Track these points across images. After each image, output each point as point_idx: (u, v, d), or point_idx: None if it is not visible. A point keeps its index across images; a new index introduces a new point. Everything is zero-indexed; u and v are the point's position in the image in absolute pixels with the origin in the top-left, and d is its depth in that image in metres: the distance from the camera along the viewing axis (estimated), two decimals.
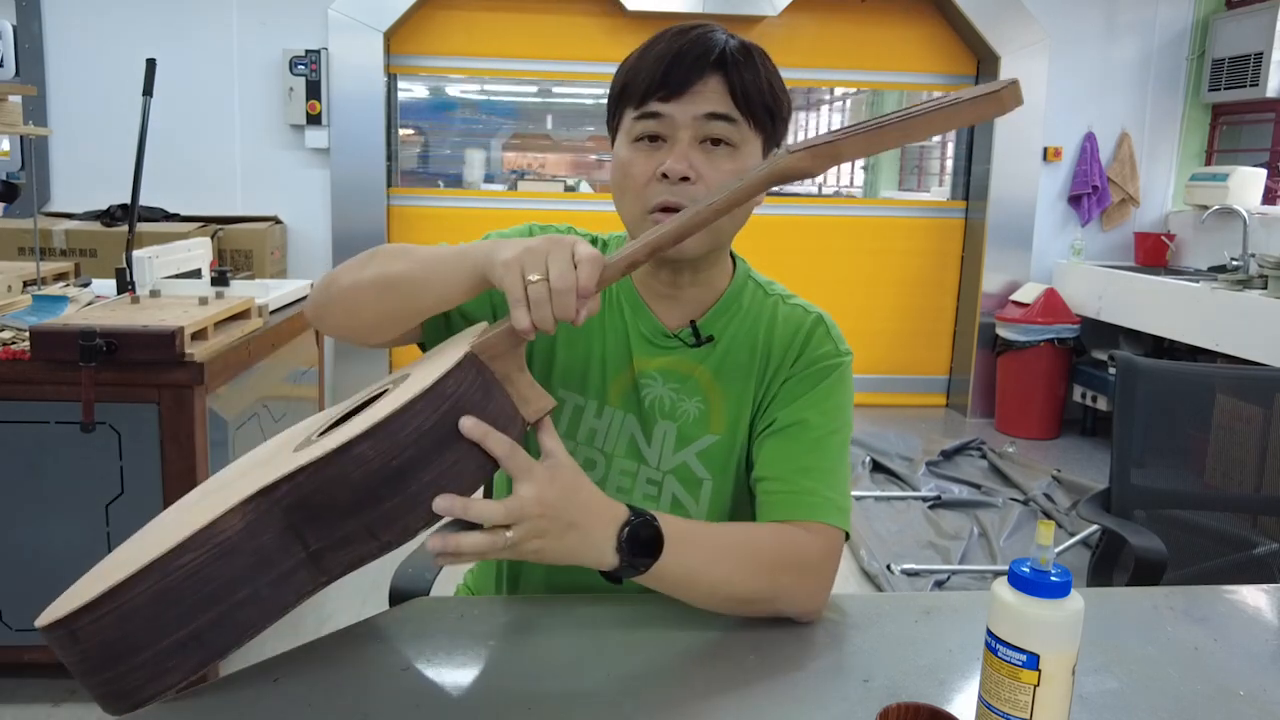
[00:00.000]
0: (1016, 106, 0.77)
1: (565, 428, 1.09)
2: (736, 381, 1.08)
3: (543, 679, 0.86)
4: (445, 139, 5.15)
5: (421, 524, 0.77)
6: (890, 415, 4.94)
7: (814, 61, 4.91)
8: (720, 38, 1.00)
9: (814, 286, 4.91)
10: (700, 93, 0.98)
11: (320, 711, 0.80)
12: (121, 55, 4.29)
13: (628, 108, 1.02)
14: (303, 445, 0.83)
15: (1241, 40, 4.53)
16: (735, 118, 0.99)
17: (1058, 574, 0.72)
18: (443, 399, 0.77)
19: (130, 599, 0.72)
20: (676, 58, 0.98)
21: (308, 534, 0.77)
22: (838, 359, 1.08)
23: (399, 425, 0.75)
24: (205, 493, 0.91)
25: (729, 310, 1.10)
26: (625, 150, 1.02)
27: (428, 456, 0.76)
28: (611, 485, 1.08)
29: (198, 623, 0.74)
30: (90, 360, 1.90)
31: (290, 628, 0.76)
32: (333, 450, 0.74)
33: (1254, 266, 3.97)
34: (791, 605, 0.96)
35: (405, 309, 0.94)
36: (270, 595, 0.76)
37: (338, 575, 0.80)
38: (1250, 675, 0.91)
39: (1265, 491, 1.86)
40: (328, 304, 1.01)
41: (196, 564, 0.73)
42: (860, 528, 3.33)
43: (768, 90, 1.01)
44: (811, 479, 1.01)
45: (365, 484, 0.74)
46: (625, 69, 1.03)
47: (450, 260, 0.89)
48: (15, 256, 3.59)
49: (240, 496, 0.75)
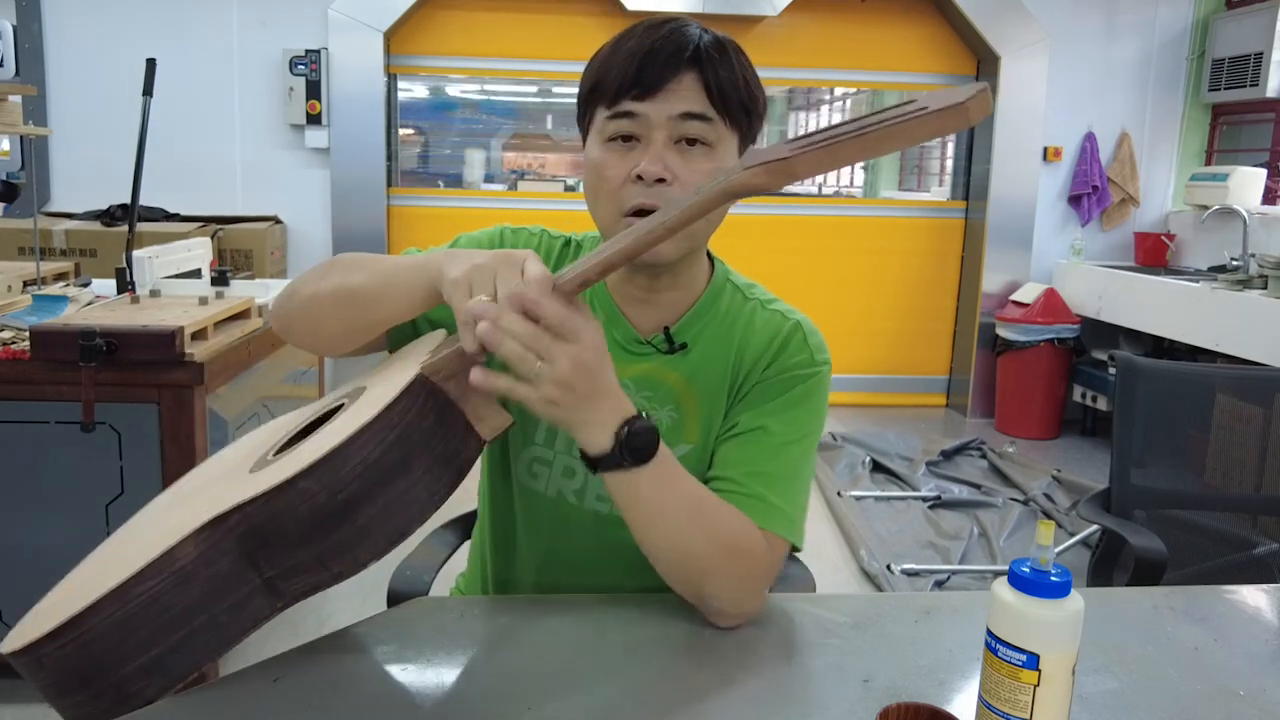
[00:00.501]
0: (983, 116, 0.72)
1: (543, 436, 1.07)
2: (709, 389, 1.05)
3: (543, 679, 0.86)
4: (445, 139, 5.15)
5: (372, 555, 0.76)
6: (890, 415, 4.94)
7: (814, 61, 4.91)
8: (694, 33, 0.97)
9: (814, 286, 4.93)
10: (675, 91, 0.95)
11: (320, 711, 0.80)
12: (121, 55, 4.29)
13: (599, 106, 0.99)
14: (259, 465, 0.82)
15: (1241, 40, 4.53)
16: (711, 116, 0.96)
17: (1058, 574, 0.72)
18: (389, 428, 0.76)
19: (92, 627, 0.73)
20: (650, 54, 0.95)
21: (261, 562, 0.76)
22: (812, 369, 1.05)
23: (342, 459, 0.74)
24: (176, 496, 0.91)
25: (704, 315, 1.07)
26: (598, 151, 0.99)
27: (373, 490, 0.75)
28: (592, 493, 1.07)
29: (159, 648, 0.74)
30: (90, 360, 1.89)
31: (290, 628, 0.76)
32: (279, 484, 0.74)
33: (1254, 266, 3.96)
34: (723, 591, 0.93)
35: (364, 320, 0.92)
36: (228, 621, 0.76)
37: (295, 601, 0.79)
38: (1250, 675, 0.91)
39: (1265, 491, 1.86)
40: (289, 317, 1.00)
41: (154, 591, 0.74)
42: (860, 528, 3.32)
43: (744, 87, 0.99)
44: (762, 484, 0.99)
45: (312, 518, 0.74)
46: (596, 65, 1.00)
47: (407, 272, 0.88)
48: (15, 256, 3.59)
49: (195, 523, 0.75)
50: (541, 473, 1.08)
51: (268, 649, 0.90)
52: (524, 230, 1.13)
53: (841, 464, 4.02)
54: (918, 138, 0.73)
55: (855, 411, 4.93)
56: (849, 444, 4.24)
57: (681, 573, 0.93)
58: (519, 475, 1.10)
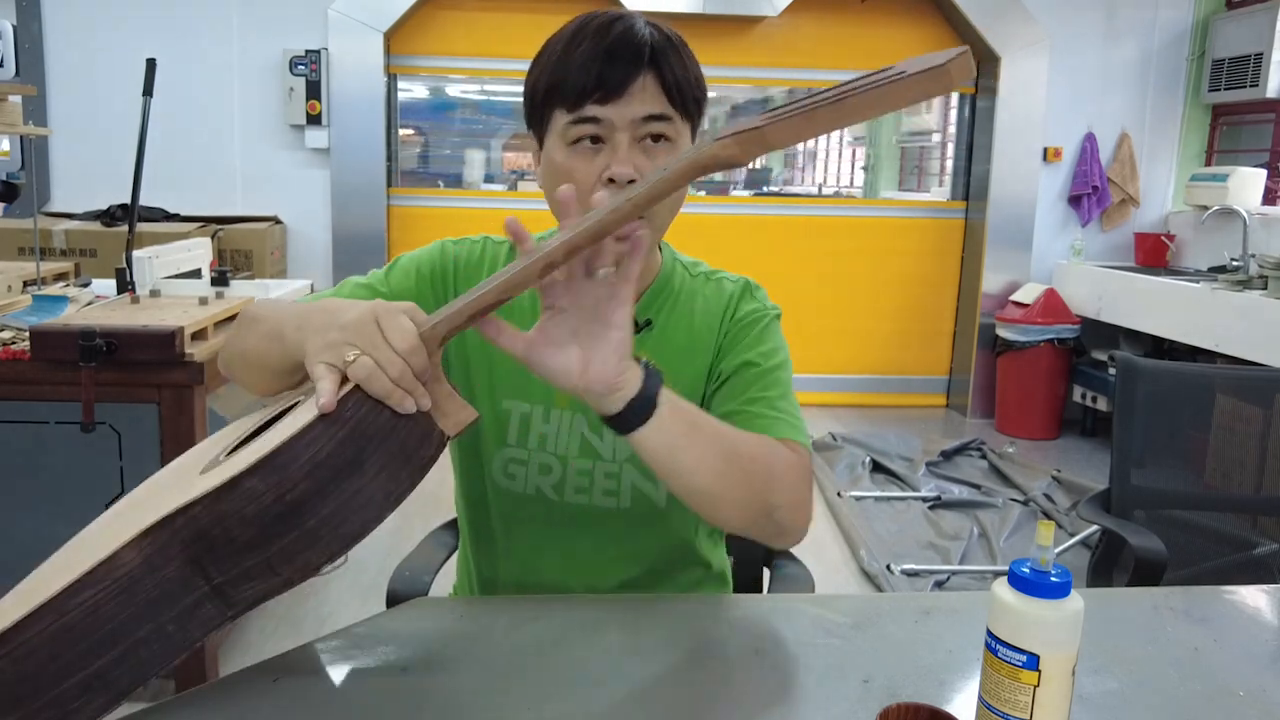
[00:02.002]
0: (966, 80, 0.68)
1: (516, 436, 1.08)
2: (675, 362, 1.08)
3: (543, 679, 0.86)
4: (445, 139, 5.15)
5: (324, 559, 0.72)
6: (890, 415, 4.94)
7: (814, 61, 4.91)
8: (644, 31, 0.98)
9: (814, 287, 4.93)
10: (636, 94, 0.96)
11: (320, 711, 0.80)
12: (121, 55, 4.29)
13: (558, 109, 0.99)
14: (209, 467, 0.78)
15: (1241, 41, 4.53)
16: (671, 115, 0.98)
17: (1058, 574, 0.72)
18: (340, 424, 0.71)
19: (24, 641, 0.68)
20: (609, 57, 0.95)
21: (210, 567, 0.72)
22: (764, 312, 1.11)
23: (290, 456, 0.69)
24: (131, 502, 0.87)
25: (661, 294, 1.11)
26: (562, 154, 0.99)
27: (324, 489, 0.70)
28: (570, 486, 1.08)
29: (101, 662, 0.70)
30: (90, 360, 1.89)
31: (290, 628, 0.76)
32: (223, 484, 0.69)
33: (1254, 267, 3.96)
34: (786, 493, 0.95)
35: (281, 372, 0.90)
36: (175, 631, 0.72)
37: (247, 609, 0.75)
38: (1250, 675, 0.91)
39: (1265, 491, 1.86)
40: (232, 378, 1.02)
41: (95, 601, 0.69)
42: (860, 528, 3.32)
43: (695, 82, 1.01)
44: (762, 406, 1.03)
45: (259, 520, 0.70)
46: (549, 66, 0.99)
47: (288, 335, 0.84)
48: (15, 256, 3.59)
49: (138, 528, 0.71)
50: (518, 473, 1.09)
51: (268, 649, 0.90)
52: (465, 240, 1.14)
53: (841, 464, 4.02)
54: (899, 103, 0.69)
55: (855, 412, 4.93)
56: (849, 444, 4.24)
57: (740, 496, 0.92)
58: (494, 478, 1.10)
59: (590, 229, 0.76)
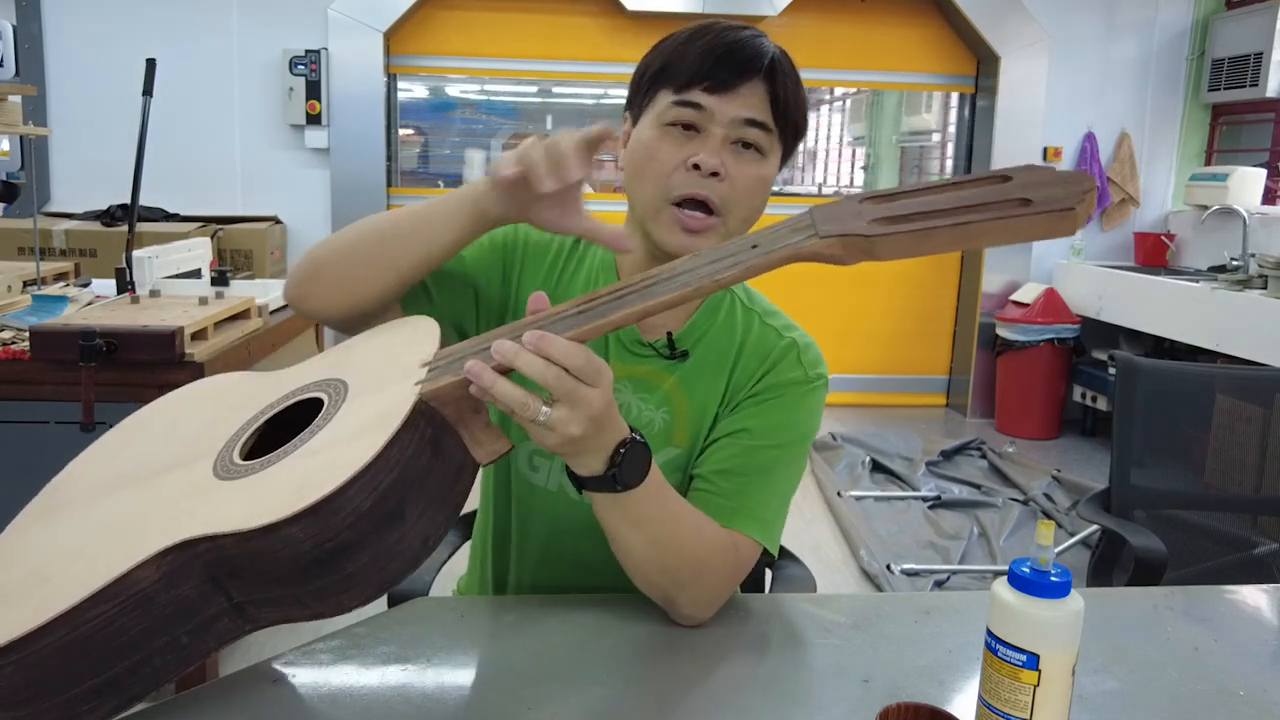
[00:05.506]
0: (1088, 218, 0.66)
1: None
2: (699, 395, 1.06)
3: (543, 679, 0.86)
4: (445, 139, 5.15)
5: (358, 602, 0.72)
6: (890, 415, 4.94)
7: (814, 61, 4.90)
8: (768, 45, 1.00)
9: (814, 286, 4.92)
10: (744, 95, 0.97)
11: (320, 711, 0.80)
12: (121, 55, 4.29)
13: (665, 89, 0.99)
14: (224, 467, 0.78)
15: (1241, 40, 4.53)
16: (771, 127, 0.99)
17: (1058, 574, 0.72)
18: (386, 471, 0.70)
19: (36, 650, 0.68)
20: (728, 53, 0.97)
21: (231, 588, 0.72)
22: (800, 380, 1.06)
23: (334, 508, 0.68)
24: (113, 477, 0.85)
25: (705, 323, 1.08)
26: (652, 132, 0.99)
27: (365, 539, 0.70)
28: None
29: (113, 671, 0.70)
30: (90, 360, 1.89)
31: (290, 628, 0.75)
32: (258, 527, 0.68)
33: (1254, 266, 3.96)
34: (691, 601, 0.94)
35: (401, 259, 0.92)
36: (190, 643, 0.72)
37: (266, 626, 0.75)
38: (1250, 675, 0.91)
39: (1265, 491, 1.86)
40: (315, 273, 0.97)
41: (109, 616, 0.69)
42: (860, 528, 3.32)
43: (800, 107, 1.02)
44: (732, 483, 1.00)
45: (294, 562, 0.69)
46: (665, 52, 1.01)
47: (444, 199, 0.91)
48: (15, 256, 3.59)
49: (156, 546, 0.70)
50: (542, 465, 1.09)
51: (268, 649, 0.90)
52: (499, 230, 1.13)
53: (841, 464, 4.02)
54: (1019, 236, 0.66)
55: (855, 411, 4.93)
56: (849, 444, 4.24)
57: (653, 583, 0.93)
58: (519, 467, 1.10)
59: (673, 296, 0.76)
